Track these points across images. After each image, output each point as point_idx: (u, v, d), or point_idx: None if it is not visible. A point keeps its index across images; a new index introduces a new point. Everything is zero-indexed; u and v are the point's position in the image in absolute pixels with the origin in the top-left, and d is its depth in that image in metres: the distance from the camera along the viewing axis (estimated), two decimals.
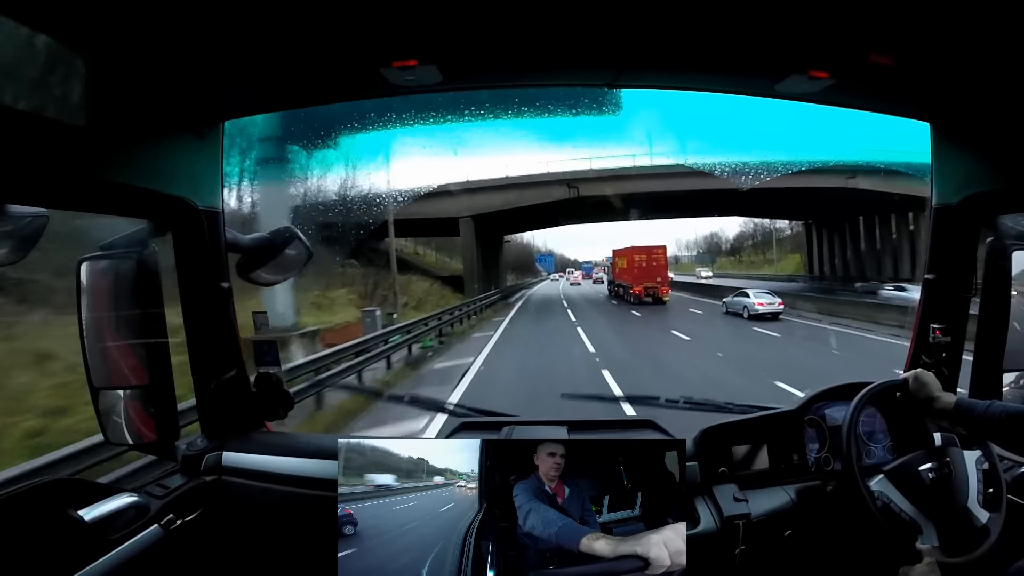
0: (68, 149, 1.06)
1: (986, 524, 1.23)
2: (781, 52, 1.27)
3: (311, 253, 1.69)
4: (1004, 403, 1.16)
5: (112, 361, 1.39)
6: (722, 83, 1.55)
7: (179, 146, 1.40)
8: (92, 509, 1.19)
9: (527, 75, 1.55)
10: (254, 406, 1.70)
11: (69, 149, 1.06)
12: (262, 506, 1.56)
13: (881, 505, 1.29)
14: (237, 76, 1.33)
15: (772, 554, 1.44)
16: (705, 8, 1.10)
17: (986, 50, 1.16)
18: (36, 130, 0.99)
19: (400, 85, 1.41)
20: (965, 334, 1.62)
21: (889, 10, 1.07)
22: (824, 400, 1.59)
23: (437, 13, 1.11)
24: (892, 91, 1.44)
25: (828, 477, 1.46)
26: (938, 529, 1.26)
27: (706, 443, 1.56)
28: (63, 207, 1.19)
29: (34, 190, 1.08)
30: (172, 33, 1.08)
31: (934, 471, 1.31)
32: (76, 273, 1.38)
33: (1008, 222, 1.53)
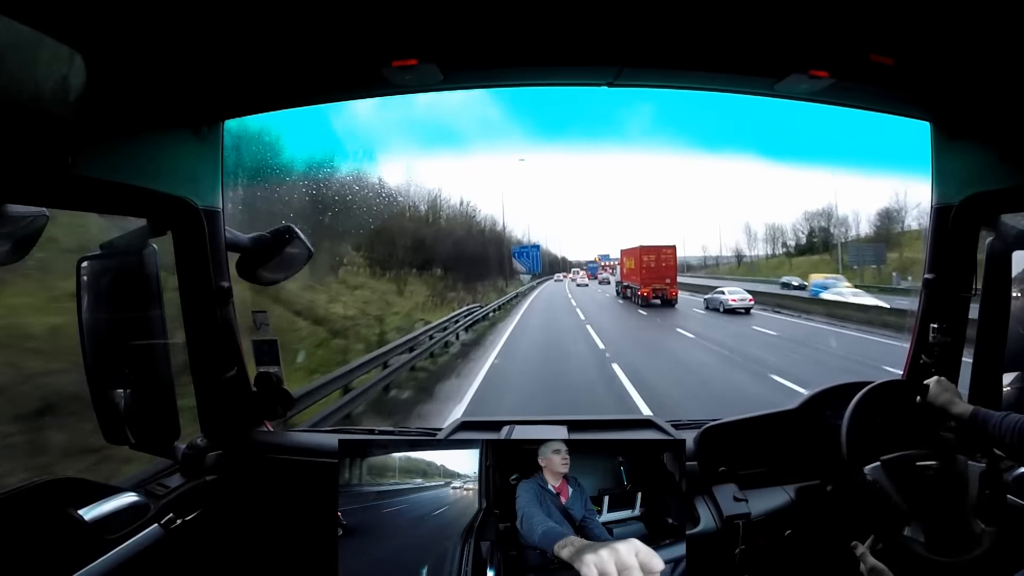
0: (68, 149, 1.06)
1: (979, 533, 1.23)
2: (781, 51, 1.27)
3: (311, 252, 1.69)
4: (1019, 416, 1.15)
5: (112, 360, 1.39)
6: (722, 82, 1.55)
7: (179, 146, 1.40)
8: (92, 508, 1.19)
9: (528, 74, 1.55)
10: (254, 406, 1.70)
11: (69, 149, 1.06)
12: (262, 506, 1.56)
13: (871, 487, 1.29)
14: (237, 76, 1.33)
15: (772, 554, 1.44)
16: (706, 7, 1.10)
17: (986, 50, 1.16)
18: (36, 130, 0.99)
19: (400, 84, 1.41)
20: (965, 334, 1.62)
21: (889, 10, 1.07)
22: (824, 400, 1.60)
23: (437, 13, 1.11)
24: (892, 90, 1.44)
25: (828, 477, 1.46)
26: (926, 525, 1.25)
27: (706, 443, 1.56)
28: (63, 207, 1.19)
29: (34, 190, 1.08)
30: (172, 33, 1.08)
31: (934, 471, 1.31)
32: (76, 273, 1.38)
33: (1008, 222, 1.54)
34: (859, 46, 1.21)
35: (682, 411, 6.82)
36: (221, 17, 1.06)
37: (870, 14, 1.08)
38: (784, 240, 49.28)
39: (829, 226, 44.19)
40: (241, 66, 1.28)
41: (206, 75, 1.28)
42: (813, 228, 46.18)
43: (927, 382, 1.35)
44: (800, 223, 47.59)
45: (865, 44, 1.20)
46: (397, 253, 22.23)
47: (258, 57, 1.24)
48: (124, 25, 1.02)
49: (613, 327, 16.60)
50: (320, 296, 14.64)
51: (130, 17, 1.01)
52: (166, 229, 1.44)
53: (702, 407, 7.14)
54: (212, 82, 1.32)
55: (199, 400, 1.62)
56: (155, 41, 1.10)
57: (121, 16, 1.00)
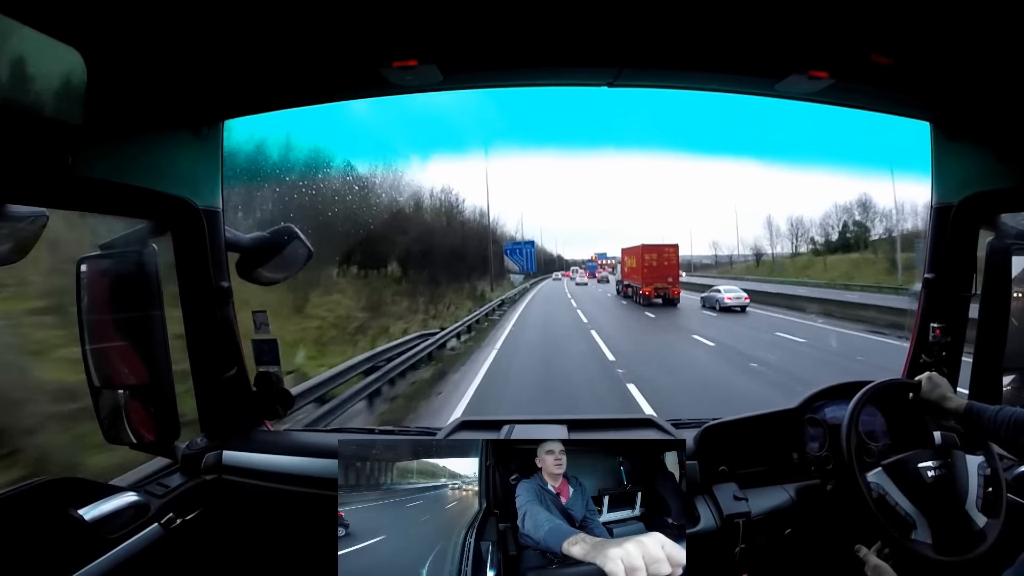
0: (68, 149, 1.06)
1: (983, 528, 1.23)
2: (781, 52, 1.27)
3: (311, 252, 1.69)
4: (1014, 409, 1.15)
5: (112, 361, 1.39)
6: (722, 82, 1.55)
7: (179, 146, 1.40)
8: (92, 508, 1.20)
9: (527, 74, 1.55)
10: (254, 405, 1.70)
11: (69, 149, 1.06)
12: (262, 505, 1.56)
13: (876, 496, 1.29)
14: (237, 76, 1.33)
15: (772, 553, 1.44)
16: (706, 8, 1.10)
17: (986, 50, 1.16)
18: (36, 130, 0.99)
19: (400, 85, 1.41)
20: (965, 334, 1.62)
21: (889, 10, 1.07)
22: (824, 399, 1.60)
23: (437, 13, 1.11)
24: (892, 91, 1.44)
25: (828, 476, 1.46)
26: (932, 527, 1.25)
27: (706, 442, 1.57)
28: (63, 207, 1.19)
29: (34, 190, 1.08)
30: (172, 33, 1.08)
31: (934, 470, 1.31)
32: (76, 273, 1.38)
33: (1008, 222, 1.54)
34: (859, 46, 1.21)
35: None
36: (221, 18, 1.06)
37: (870, 14, 1.08)
38: (811, 236, 41.34)
39: (866, 220, 37.82)
40: (241, 66, 1.28)
41: (206, 75, 1.28)
42: (847, 222, 38.88)
43: (918, 378, 1.36)
44: (832, 216, 39.82)
45: (865, 44, 1.20)
46: (334, 241, 14.37)
47: (258, 57, 1.24)
48: (125, 26, 1.02)
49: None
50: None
51: (131, 18, 1.01)
52: (166, 229, 1.45)
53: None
54: (212, 82, 1.32)
55: (199, 400, 1.62)
56: (155, 42, 1.10)
57: (122, 17, 1.00)
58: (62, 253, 2.22)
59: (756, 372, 9.49)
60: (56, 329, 3.55)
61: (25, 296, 3.74)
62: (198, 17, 1.04)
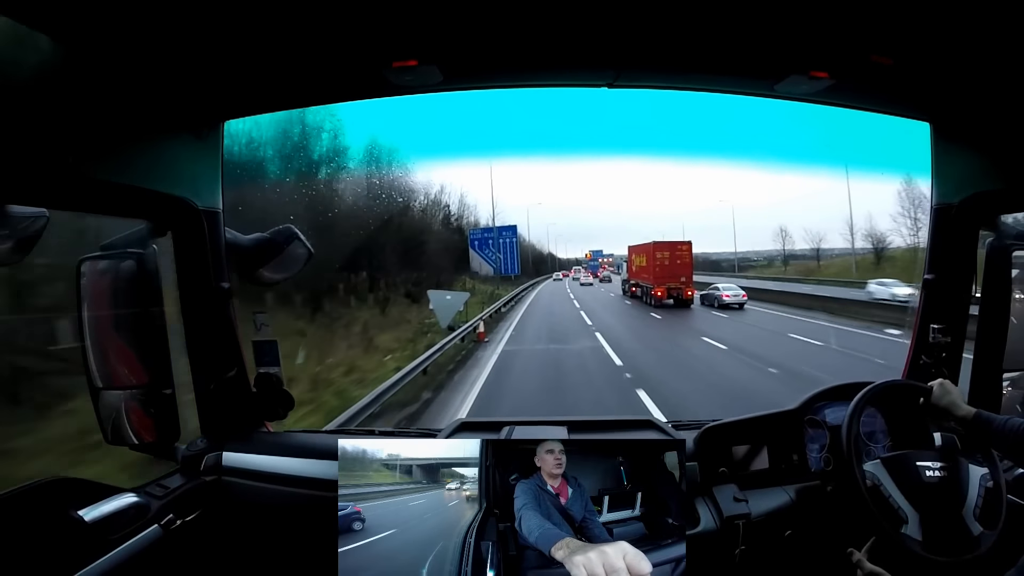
0: (68, 149, 1.06)
1: (977, 536, 1.23)
2: (781, 52, 1.27)
3: (311, 253, 1.69)
4: (1022, 420, 1.15)
5: (112, 361, 1.39)
6: (722, 83, 1.55)
7: (179, 146, 1.40)
8: (92, 509, 1.19)
9: (527, 75, 1.55)
10: (254, 406, 1.70)
11: (69, 149, 1.06)
12: (261, 506, 1.56)
13: (871, 486, 1.29)
14: (237, 76, 1.33)
15: (772, 554, 1.44)
16: (705, 9, 1.10)
17: (985, 50, 1.16)
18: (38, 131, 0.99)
19: (401, 85, 1.41)
20: (965, 334, 1.62)
21: (889, 10, 1.07)
22: (824, 400, 1.59)
23: (438, 14, 1.11)
24: (892, 91, 1.44)
25: (828, 477, 1.46)
26: (924, 524, 1.25)
27: (706, 443, 1.56)
28: (63, 207, 1.19)
29: (34, 190, 1.08)
30: (173, 35, 1.08)
31: (934, 471, 1.31)
32: (76, 273, 1.38)
33: (1008, 222, 1.54)
34: (859, 47, 1.21)
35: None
36: (221, 19, 1.06)
37: (870, 15, 1.08)
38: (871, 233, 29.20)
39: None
40: (241, 67, 1.28)
41: (206, 76, 1.28)
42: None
43: (930, 384, 1.35)
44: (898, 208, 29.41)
45: (865, 45, 1.20)
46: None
47: (258, 58, 1.24)
48: (125, 27, 1.03)
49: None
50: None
51: (131, 19, 1.01)
52: (166, 230, 1.45)
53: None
54: (212, 83, 1.33)
55: (199, 400, 1.62)
56: (156, 43, 1.10)
57: (122, 18, 1.00)
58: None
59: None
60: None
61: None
62: (199, 18, 1.04)
